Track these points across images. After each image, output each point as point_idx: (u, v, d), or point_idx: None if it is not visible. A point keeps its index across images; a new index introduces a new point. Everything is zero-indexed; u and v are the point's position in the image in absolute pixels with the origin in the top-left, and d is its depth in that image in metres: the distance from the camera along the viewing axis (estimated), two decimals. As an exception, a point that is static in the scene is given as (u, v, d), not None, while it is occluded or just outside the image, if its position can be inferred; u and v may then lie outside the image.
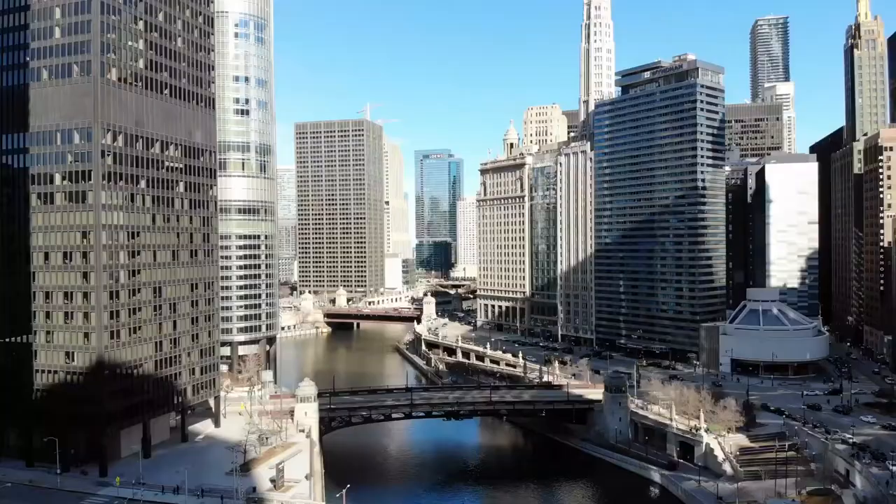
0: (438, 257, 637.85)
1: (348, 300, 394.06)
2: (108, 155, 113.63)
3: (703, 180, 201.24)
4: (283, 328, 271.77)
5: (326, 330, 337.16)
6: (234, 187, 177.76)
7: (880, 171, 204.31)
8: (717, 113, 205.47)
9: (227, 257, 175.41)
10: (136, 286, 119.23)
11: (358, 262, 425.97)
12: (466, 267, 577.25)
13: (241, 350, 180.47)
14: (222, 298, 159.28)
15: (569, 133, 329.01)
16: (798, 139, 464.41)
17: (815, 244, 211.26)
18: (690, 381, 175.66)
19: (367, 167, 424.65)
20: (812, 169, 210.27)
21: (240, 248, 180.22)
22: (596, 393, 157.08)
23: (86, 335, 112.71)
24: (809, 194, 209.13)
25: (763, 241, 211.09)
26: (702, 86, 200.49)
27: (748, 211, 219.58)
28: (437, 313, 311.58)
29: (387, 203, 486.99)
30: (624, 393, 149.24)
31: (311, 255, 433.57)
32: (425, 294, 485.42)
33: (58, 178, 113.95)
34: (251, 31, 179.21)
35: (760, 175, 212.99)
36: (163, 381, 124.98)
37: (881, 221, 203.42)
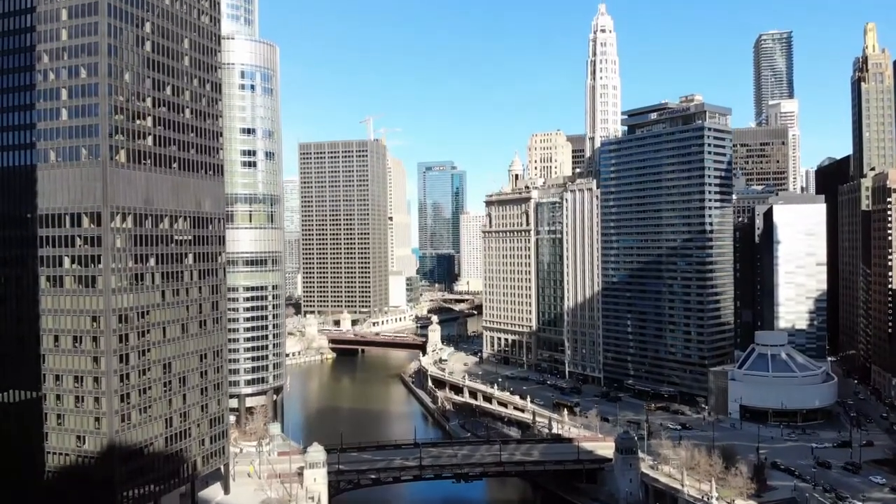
0: (442, 269, 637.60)
1: (353, 322, 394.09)
2: (118, 238, 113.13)
3: (710, 223, 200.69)
4: (287, 355, 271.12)
5: (331, 356, 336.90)
6: (241, 239, 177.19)
7: (888, 212, 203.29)
8: (724, 155, 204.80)
9: (234, 309, 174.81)
10: (146, 365, 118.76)
11: (362, 281, 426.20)
12: (470, 280, 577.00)
13: (249, 402, 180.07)
14: (229, 351, 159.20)
15: (573, 160, 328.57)
16: (803, 157, 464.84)
17: (824, 286, 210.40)
18: (700, 430, 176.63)
19: (371, 186, 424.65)
20: (820, 210, 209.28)
21: (247, 299, 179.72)
22: (606, 447, 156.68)
23: (97, 419, 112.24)
24: (817, 235, 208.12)
25: (771, 282, 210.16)
26: (709, 129, 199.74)
27: (756, 251, 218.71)
28: (441, 340, 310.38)
29: (390, 219, 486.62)
30: (635, 454, 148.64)
31: (315, 275, 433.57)
32: (430, 312, 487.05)
33: (67, 261, 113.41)
34: (258, 83, 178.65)
35: (768, 215, 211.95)
36: (173, 456, 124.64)
37: (889, 263, 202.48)
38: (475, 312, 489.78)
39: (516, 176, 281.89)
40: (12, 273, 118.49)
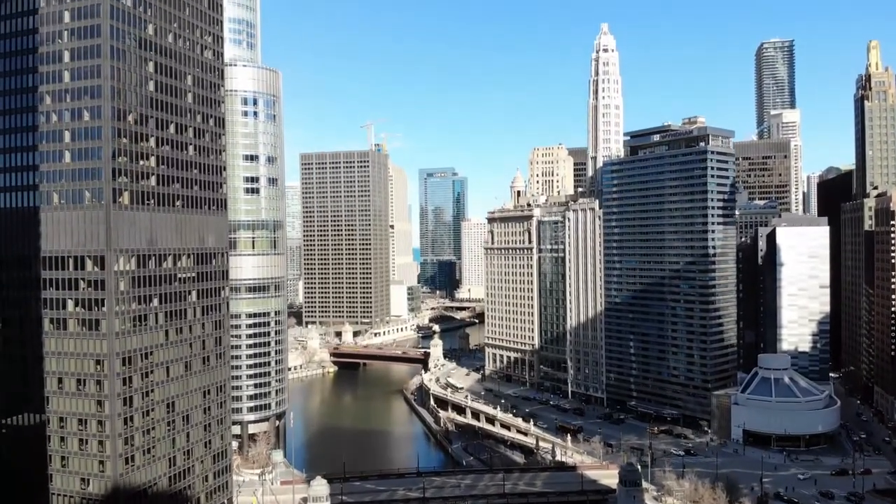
0: (443, 276, 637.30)
1: (354, 334, 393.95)
2: (122, 281, 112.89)
3: (713, 247, 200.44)
4: (289, 369, 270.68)
5: (332, 369, 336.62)
6: (243, 266, 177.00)
7: (891, 234, 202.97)
8: (727, 178, 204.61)
9: (236, 336, 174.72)
10: (150, 406, 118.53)
11: (364, 291, 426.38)
12: (471, 288, 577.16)
13: (252, 428, 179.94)
14: (232, 378, 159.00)
15: (575, 173, 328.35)
16: (805, 164, 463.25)
17: (827, 308, 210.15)
18: (703, 457, 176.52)
19: (373, 196, 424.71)
20: (823, 233, 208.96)
21: (249, 326, 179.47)
22: (610, 476, 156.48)
23: (101, 462, 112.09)
24: (821, 258, 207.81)
25: (774, 304, 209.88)
26: (712, 152, 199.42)
27: (759, 272, 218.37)
28: (443, 354, 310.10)
29: (391, 227, 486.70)
30: (638, 486, 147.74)
31: (316, 285, 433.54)
32: (431, 321, 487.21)
33: (70, 303, 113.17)
34: (261, 109, 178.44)
35: (771, 237, 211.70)
36: (177, 495, 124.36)
37: (892, 286, 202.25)
38: (476, 321, 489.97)
39: (518, 192, 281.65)
40: (15, 314, 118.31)
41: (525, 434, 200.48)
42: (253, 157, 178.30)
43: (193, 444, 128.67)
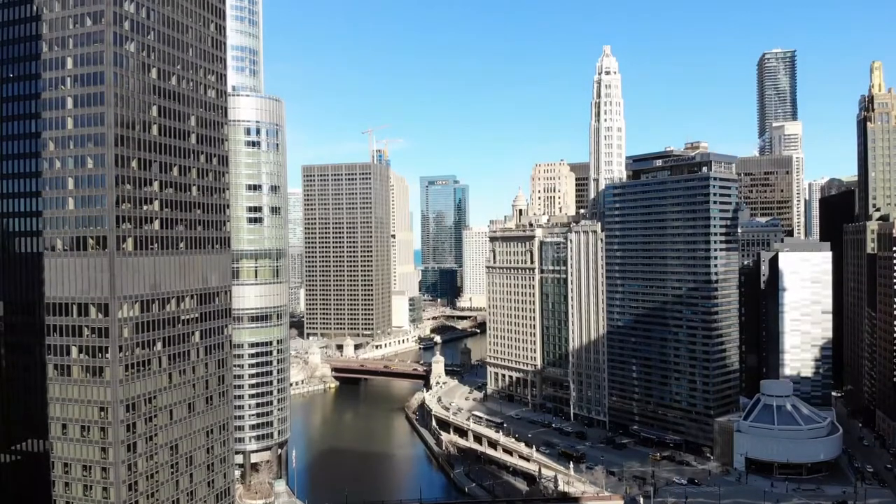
0: (444, 284, 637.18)
1: (356, 346, 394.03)
2: (125, 327, 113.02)
3: (716, 273, 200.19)
4: (291, 384, 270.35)
5: (334, 385, 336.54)
6: (246, 296, 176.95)
7: (894, 260, 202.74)
8: (729, 204, 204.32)
9: (239, 366, 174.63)
10: (154, 450, 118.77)
11: (365, 302, 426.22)
12: (473, 297, 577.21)
13: (254, 457, 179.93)
14: (235, 408, 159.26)
15: (577, 188, 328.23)
16: (807, 175, 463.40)
17: (829, 334, 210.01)
18: (706, 486, 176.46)
19: (375, 208, 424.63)
20: (826, 258, 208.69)
21: (252, 356, 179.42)
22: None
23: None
24: (823, 283, 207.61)
25: (777, 329, 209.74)
26: (715, 178, 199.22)
27: (761, 296, 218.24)
28: (445, 370, 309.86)
29: (393, 236, 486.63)
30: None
31: (318, 296, 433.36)
32: (433, 332, 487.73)
33: (74, 350, 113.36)
34: (263, 139, 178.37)
35: (774, 262, 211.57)
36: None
37: (894, 312, 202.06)
38: (478, 331, 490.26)
39: (520, 211, 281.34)
40: (20, 360, 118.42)
41: (528, 460, 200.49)
42: (256, 187, 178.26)
43: (196, 485, 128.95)
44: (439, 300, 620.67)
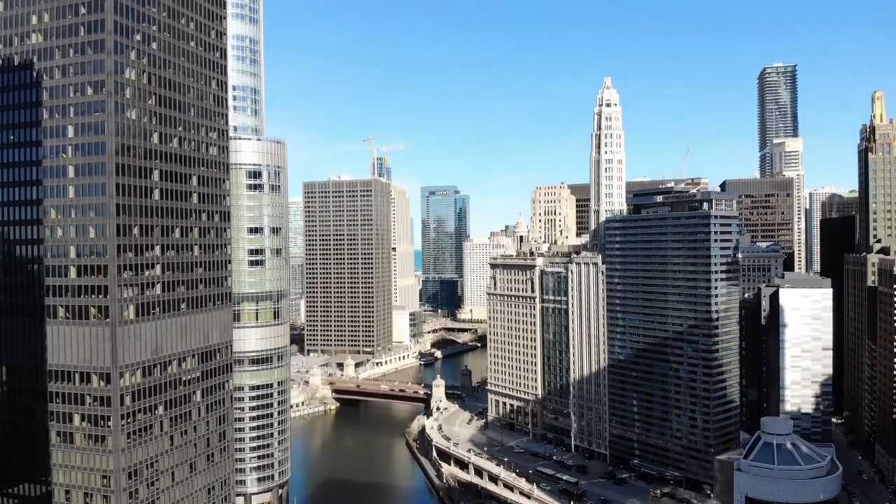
0: (445, 295, 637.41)
1: (357, 365, 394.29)
2: (127, 396, 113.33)
3: (717, 311, 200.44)
4: (291, 406, 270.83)
5: (334, 406, 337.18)
6: (247, 339, 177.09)
7: (894, 297, 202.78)
8: (730, 241, 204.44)
9: (240, 409, 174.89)
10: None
11: (366, 318, 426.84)
12: (473, 308, 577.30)
13: (255, 500, 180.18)
14: (236, 451, 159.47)
15: (577, 209, 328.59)
16: (807, 186, 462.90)
17: (829, 370, 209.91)
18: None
19: (376, 224, 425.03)
20: (826, 295, 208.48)
21: (252, 398, 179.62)
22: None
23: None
24: (824, 320, 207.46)
25: (777, 365, 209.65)
26: (715, 216, 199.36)
27: (762, 332, 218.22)
28: (445, 394, 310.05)
29: (394, 249, 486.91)
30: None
31: (318, 312, 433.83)
32: (433, 346, 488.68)
33: (77, 418, 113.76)
34: (265, 181, 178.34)
35: (774, 298, 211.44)
36: None
37: (895, 348, 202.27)
38: (478, 345, 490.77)
39: (521, 238, 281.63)
40: (23, 423, 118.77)
41: (528, 497, 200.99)
42: (257, 230, 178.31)
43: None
44: (440, 311, 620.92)
